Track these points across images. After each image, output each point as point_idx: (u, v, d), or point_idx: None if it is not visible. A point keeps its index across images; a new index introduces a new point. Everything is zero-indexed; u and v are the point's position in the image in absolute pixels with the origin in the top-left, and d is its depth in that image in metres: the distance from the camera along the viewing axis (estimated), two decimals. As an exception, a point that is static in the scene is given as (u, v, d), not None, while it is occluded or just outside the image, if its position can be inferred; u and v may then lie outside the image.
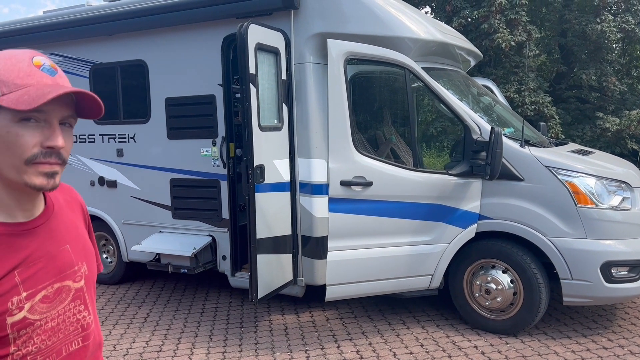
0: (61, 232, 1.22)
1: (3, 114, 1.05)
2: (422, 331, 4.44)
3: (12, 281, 1.08)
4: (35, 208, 1.18)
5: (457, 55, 5.32)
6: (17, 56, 1.09)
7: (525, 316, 4.20)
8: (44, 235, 1.17)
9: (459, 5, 11.47)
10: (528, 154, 4.16)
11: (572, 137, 11.52)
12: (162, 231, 5.31)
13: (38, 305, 1.12)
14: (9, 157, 1.06)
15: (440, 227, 4.29)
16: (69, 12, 5.63)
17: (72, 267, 1.22)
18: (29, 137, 1.06)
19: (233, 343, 4.33)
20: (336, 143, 4.12)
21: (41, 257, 1.15)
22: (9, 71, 1.06)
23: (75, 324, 1.21)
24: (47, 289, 1.15)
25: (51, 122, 1.08)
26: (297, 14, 4.44)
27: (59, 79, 1.11)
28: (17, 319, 1.08)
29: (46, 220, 1.19)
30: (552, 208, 4.06)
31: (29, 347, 1.11)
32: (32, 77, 1.07)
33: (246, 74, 3.98)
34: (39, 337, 1.12)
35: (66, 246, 1.22)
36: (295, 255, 4.63)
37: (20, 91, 1.04)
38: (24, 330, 1.09)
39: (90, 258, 1.30)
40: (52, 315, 1.15)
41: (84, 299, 1.25)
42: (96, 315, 1.32)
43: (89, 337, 1.26)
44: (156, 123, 5.22)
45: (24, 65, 1.08)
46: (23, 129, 1.05)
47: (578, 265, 3.98)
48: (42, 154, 1.07)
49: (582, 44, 12.17)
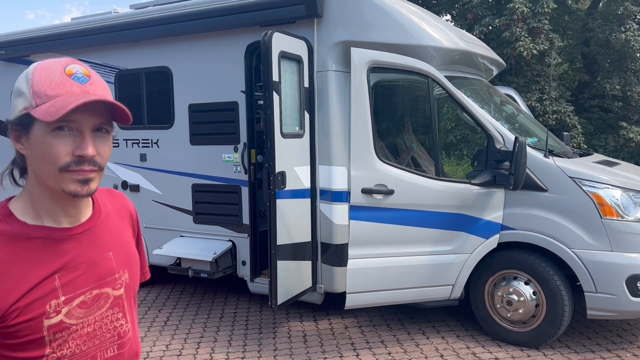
0: (105, 240, 1.24)
1: (38, 124, 1.08)
2: (442, 342, 4.41)
3: (52, 284, 1.10)
4: (81, 214, 1.20)
5: (480, 64, 5.29)
6: (51, 66, 1.11)
7: (548, 329, 4.14)
8: (86, 242, 1.19)
9: (480, 13, 11.43)
10: (552, 165, 4.12)
11: (594, 147, 11.37)
12: (183, 235, 5.35)
13: (75, 310, 1.14)
14: (45, 166, 1.09)
15: (462, 236, 4.26)
16: (96, 19, 5.74)
17: (112, 274, 1.23)
18: (62, 146, 1.08)
19: (252, 349, 4.34)
20: (358, 151, 4.13)
21: (82, 263, 1.17)
22: (42, 82, 1.09)
23: (111, 331, 1.23)
24: (85, 295, 1.16)
25: (82, 131, 1.10)
26: (320, 22, 4.47)
27: (90, 87, 1.11)
28: (53, 322, 1.10)
29: (91, 227, 1.21)
30: (576, 219, 4.01)
31: (63, 350, 1.12)
32: (62, 87, 1.08)
33: (269, 81, 4.01)
34: (74, 342, 1.14)
35: (109, 253, 1.23)
36: (315, 262, 4.63)
37: (50, 102, 1.06)
38: (60, 333, 1.11)
39: (133, 266, 1.31)
40: (88, 321, 1.17)
41: (122, 306, 1.26)
42: (135, 324, 1.33)
43: (124, 345, 1.26)
44: (179, 129, 5.28)
45: (56, 75, 1.10)
46: (56, 138, 1.08)
47: (603, 278, 3.91)
48: (75, 162, 1.09)
49: (605, 52, 12.02)
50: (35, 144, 1.09)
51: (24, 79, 1.11)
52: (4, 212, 1.13)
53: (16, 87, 1.12)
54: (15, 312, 1.06)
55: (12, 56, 6.20)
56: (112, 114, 1.15)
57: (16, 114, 1.11)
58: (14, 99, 1.12)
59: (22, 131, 1.11)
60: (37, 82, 1.08)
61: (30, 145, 1.10)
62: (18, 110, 1.10)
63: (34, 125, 1.09)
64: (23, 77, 1.12)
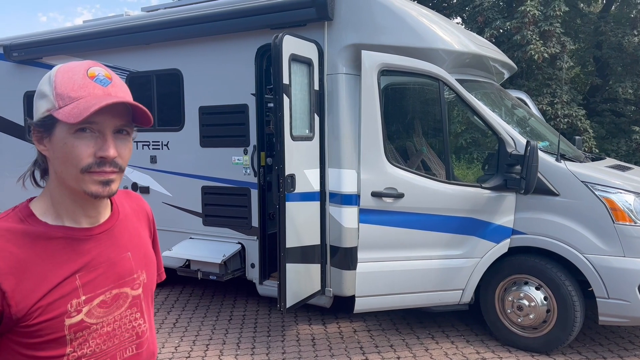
0: (124, 240, 1.25)
1: (61, 126, 1.10)
2: (451, 346, 4.37)
3: (72, 284, 1.12)
4: (100, 215, 1.22)
5: (491, 67, 5.27)
6: (74, 69, 1.13)
7: (559, 334, 4.10)
8: (106, 242, 1.21)
9: (491, 16, 11.37)
10: (564, 169, 4.08)
11: (606, 152, 11.26)
12: (193, 238, 5.37)
13: (95, 309, 1.15)
14: (67, 167, 1.11)
15: (472, 241, 4.23)
16: (107, 21, 5.79)
17: (131, 274, 1.24)
18: (84, 147, 1.09)
19: (260, 352, 4.33)
20: (368, 154, 4.12)
21: (102, 263, 1.18)
22: (65, 84, 1.10)
23: (130, 330, 1.23)
24: (105, 294, 1.18)
25: (104, 133, 1.11)
26: (330, 25, 4.47)
27: (112, 89, 1.13)
28: (74, 321, 1.11)
29: (110, 227, 1.23)
30: (588, 224, 3.97)
31: (84, 349, 1.14)
32: (85, 89, 1.10)
33: (279, 84, 4.01)
34: (94, 341, 1.15)
35: (127, 254, 1.25)
36: (324, 266, 4.62)
37: (73, 104, 1.08)
38: (81, 332, 1.12)
39: (150, 267, 1.33)
40: (108, 321, 1.18)
41: (140, 306, 1.27)
42: (152, 325, 1.33)
43: (142, 345, 1.27)
44: (189, 131, 5.29)
45: (79, 77, 1.11)
46: (78, 140, 1.09)
47: (615, 284, 3.87)
48: (96, 164, 1.10)
49: (618, 56, 11.92)
50: (57, 145, 1.10)
51: (46, 82, 1.13)
52: (25, 212, 1.15)
53: (39, 90, 1.14)
54: (37, 312, 1.07)
55: (24, 58, 6.26)
56: (132, 116, 1.17)
57: (39, 115, 1.12)
58: (37, 101, 1.14)
59: (44, 132, 1.12)
60: (60, 85, 1.10)
61: (52, 146, 1.12)
62: (41, 112, 1.12)
63: (57, 127, 1.10)
64: (46, 79, 1.13)
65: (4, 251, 1.07)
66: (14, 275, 1.06)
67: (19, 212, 1.15)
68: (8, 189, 6.69)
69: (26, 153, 6.44)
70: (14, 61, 6.37)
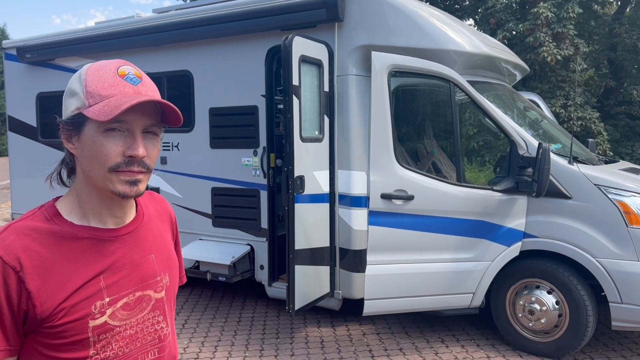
0: (148, 242, 1.24)
1: (91, 124, 1.09)
2: (461, 350, 4.33)
3: (97, 285, 1.11)
4: (126, 216, 1.21)
5: (503, 69, 5.22)
6: (104, 67, 1.12)
7: (571, 339, 4.04)
8: (131, 243, 1.20)
9: (504, 18, 11.30)
10: (577, 172, 4.03)
11: (620, 155, 11.13)
12: (202, 239, 5.37)
13: (119, 311, 1.14)
14: (96, 166, 1.10)
15: (483, 244, 4.18)
16: (119, 23, 5.82)
17: (154, 277, 1.23)
18: (113, 146, 1.08)
19: (269, 354, 4.32)
20: (378, 156, 4.09)
21: (126, 265, 1.17)
22: (95, 83, 1.09)
23: (152, 334, 1.22)
24: (129, 297, 1.16)
25: (133, 132, 1.10)
26: (341, 26, 4.45)
27: (142, 88, 1.12)
28: (98, 323, 1.10)
29: (135, 229, 1.22)
30: (601, 228, 3.91)
31: (107, 352, 1.13)
32: (115, 87, 1.09)
33: (289, 85, 4.00)
34: (117, 344, 1.14)
35: (151, 256, 1.24)
36: (333, 268, 4.60)
37: (103, 102, 1.07)
38: (104, 335, 1.11)
39: (173, 269, 1.31)
40: (131, 323, 1.17)
41: (163, 309, 1.25)
42: (174, 328, 1.32)
43: (164, 348, 1.26)
44: (199, 132, 5.30)
45: (109, 75, 1.11)
46: (107, 138, 1.09)
47: (629, 289, 3.80)
48: (125, 163, 1.09)
49: (633, 58, 11.78)
50: (86, 143, 1.10)
51: (76, 80, 1.12)
52: (52, 211, 1.14)
53: (69, 88, 1.13)
54: (61, 312, 1.06)
55: (37, 59, 6.31)
56: (160, 116, 1.16)
57: (68, 114, 1.11)
58: (66, 99, 1.13)
59: (73, 131, 1.12)
60: (90, 83, 1.09)
61: (81, 145, 1.11)
62: (70, 110, 1.11)
63: (86, 125, 1.09)
64: (76, 77, 1.13)
65: (30, 250, 1.06)
66: (39, 275, 1.05)
67: (45, 211, 1.14)
68: (20, 188, 6.76)
69: (38, 154, 6.52)
70: (27, 62, 6.43)
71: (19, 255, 1.05)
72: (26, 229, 1.08)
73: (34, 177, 6.49)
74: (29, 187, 6.55)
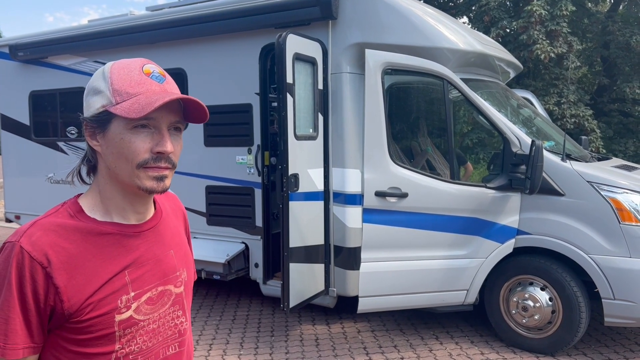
0: (167, 237, 1.26)
1: (118, 121, 1.10)
2: (455, 347, 4.35)
3: (122, 280, 1.12)
4: (147, 212, 1.23)
5: (497, 67, 5.24)
6: (129, 65, 1.14)
7: (564, 336, 4.06)
8: (152, 239, 1.22)
9: (497, 16, 11.32)
10: (569, 169, 4.05)
11: (613, 152, 11.19)
12: (196, 237, 5.36)
13: (143, 306, 1.16)
14: (122, 162, 1.11)
15: (476, 241, 4.20)
16: (112, 21, 5.80)
17: (174, 272, 1.25)
18: (141, 143, 1.10)
19: (264, 351, 4.32)
20: (372, 153, 4.10)
21: (149, 260, 1.19)
22: (122, 80, 1.11)
23: (173, 328, 1.24)
24: (152, 291, 1.18)
25: (160, 128, 1.12)
26: (335, 24, 4.45)
27: (167, 86, 1.15)
28: (124, 317, 1.11)
29: (155, 225, 1.24)
30: (594, 225, 3.93)
31: (132, 346, 1.14)
32: (143, 85, 1.11)
33: (283, 83, 4.00)
34: (141, 338, 1.15)
35: (171, 251, 1.26)
36: (328, 266, 4.61)
37: (132, 99, 1.09)
38: (129, 329, 1.13)
39: (190, 265, 1.34)
40: (154, 318, 1.18)
41: (182, 304, 1.27)
42: (190, 324, 1.34)
43: (184, 343, 1.27)
44: (193, 130, 5.29)
45: (135, 74, 1.12)
46: (135, 135, 1.10)
47: (621, 285, 3.83)
48: (153, 159, 1.11)
49: (625, 56, 11.84)
50: (112, 140, 1.11)
51: (100, 78, 1.13)
52: (75, 208, 1.15)
53: (91, 86, 1.14)
54: (89, 307, 1.07)
55: (30, 58, 6.28)
56: (184, 114, 1.18)
57: (92, 111, 1.12)
58: (89, 97, 1.14)
59: (98, 128, 1.13)
60: (117, 81, 1.10)
61: (106, 142, 1.12)
62: (95, 108, 1.12)
63: (113, 123, 1.10)
64: (99, 75, 1.14)
65: (57, 246, 1.07)
66: (66, 270, 1.06)
67: (68, 207, 1.15)
68: (13, 187, 6.72)
69: (31, 152, 6.49)
70: (19, 61, 6.39)
71: (46, 251, 1.06)
72: (52, 225, 1.10)
73: (27, 176, 6.46)
74: (22, 186, 6.52)
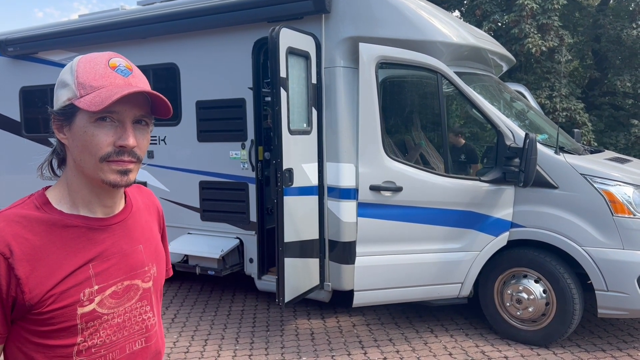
0: (136, 232, 1.26)
1: (82, 114, 1.11)
2: (450, 340, 4.37)
3: (86, 273, 1.12)
4: (115, 206, 1.22)
5: (490, 60, 5.24)
6: (96, 59, 1.14)
7: (558, 327, 4.09)
8: (120, 233, 1.21)
9: (489, 9, 11.32)
10: (563, 161, 4.07)
11: (605, 145, 11.25)
12: (191, 233, 5.35)
13: (107, 299, 1.16)
14: (87, 156, 1.12)
15: (471, 234, 4.22)
16: (103, 15, 5.74)
17: (142, 266, 1.25)
18: (103, 136, 1.10)
19: (259, 346, 4.32)
20: (366, 148, 4.09)
21: (115, 254, 1.19)
22: (87, 74, 1.11)
23: (140, 323, 1.24)
24: (117, 285, 1.18)
25: (124, 122, 1.12)
26: (328, 17, 4.44)
27: (132, 79, 1.14)
28: (86, 310, 1.12)
29: (124, 219, 1.24)
30: (587, 217, 3.95)
31: (94, 339, 1.14)
32: (106, 79, 1.11)
33: (277, 77, 3.98)
34: (105, 332, 1.16)
35: (139, 246, 1.26)
36: (323, 260, 4.61)
37: (94, 93, 1.09)
38: (92, 322, 1.13)
39: (160, 261, 1.34)
40: (119, 312, 1.18)
41: (150, 300, 1.27)
42: (160, 320, 1.33)
43: (151, 338, 1.27)
44: (187, 126, 5.26)
45: (101, 67, 1.12)
46: (98, 128, 1.10)
47: (614, 277, 3.86)
48: (115, 153, 1.11)
49: (616, 49, 11.90)
50: (77, 134, 1.11)
51: (68, 71, 1.14)
52: (42, 200, 1.15)
53: (60, 79, 1.15)
54: (50, 299, 1.07)
55: (19, 53, 6.22)
56: (151, 108, 1.18)
57: (60, 104, 1.13)
58: (58, 90, 1.15)
59: (64, 121, 1.13)
60: (82, 74, 1.11)
61: (72, 135, 1.13)
62: (62, 101, 1.13)
63: (77, 116, 1.11)
64: (67, 69, 1.15)
65: (20, 237, 1.07)
66: (28, 261, 1.06)
67: (35, 199, 1.15)
68: (4, 183, 6.66)
69: (22, 149, 6.42)
70: (9, 56, 6.33)
71: (9, 242, 1.06)
72: (16, 216, 1.10)
73: (18, 173, 6.40)
74: (13, 182, 6.47)
